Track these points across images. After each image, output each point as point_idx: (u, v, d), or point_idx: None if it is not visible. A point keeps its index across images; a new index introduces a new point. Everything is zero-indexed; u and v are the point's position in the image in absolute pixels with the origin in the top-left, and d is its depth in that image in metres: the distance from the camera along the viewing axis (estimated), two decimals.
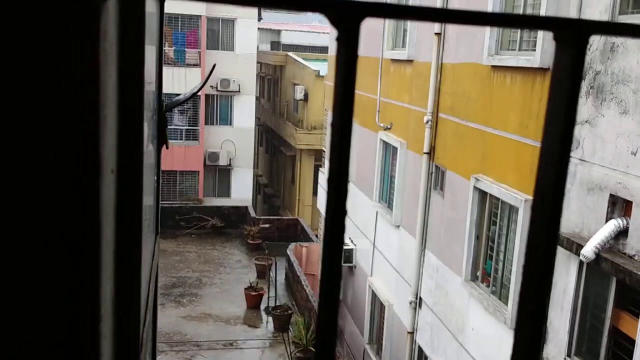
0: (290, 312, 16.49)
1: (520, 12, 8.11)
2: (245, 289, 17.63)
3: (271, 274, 18.39)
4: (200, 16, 25.26)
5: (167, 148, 1.66)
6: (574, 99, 0.54)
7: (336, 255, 0.50)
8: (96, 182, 0.49)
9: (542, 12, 7.33)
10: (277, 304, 16.91)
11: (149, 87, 1.53)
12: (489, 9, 8.51)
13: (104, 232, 0.59)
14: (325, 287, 0.49)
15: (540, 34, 7.42)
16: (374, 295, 13.39)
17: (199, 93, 25.20)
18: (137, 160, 0.75)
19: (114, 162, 0.66)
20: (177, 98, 2.15)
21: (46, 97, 0.47)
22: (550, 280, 0.56)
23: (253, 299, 17.37)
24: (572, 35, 0.53)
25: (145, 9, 0.74)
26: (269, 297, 17.27)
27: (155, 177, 1.64)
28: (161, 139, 1.61)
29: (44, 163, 0.48)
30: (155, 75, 1.72)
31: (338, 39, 0.52)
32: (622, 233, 6.06)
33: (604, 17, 6.36)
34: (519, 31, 8.18)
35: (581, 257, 6.30)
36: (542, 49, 7.34)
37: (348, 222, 15.24)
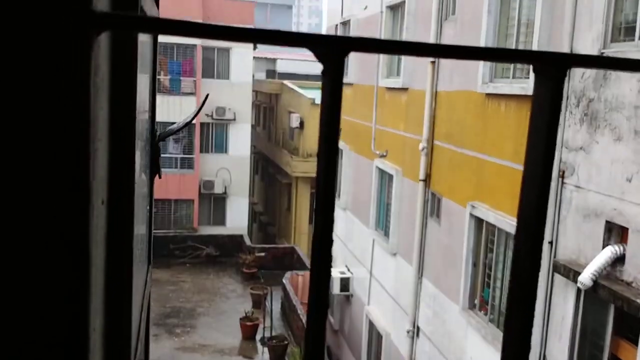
0: (286, 342, 16.31)
1: (513, 40, 8.22)
2: (241, 319, 17.46)
3: (267, 303, 18.23)
4: (195, 45, 25.49)
5: (159, 177, 1.67)
6: (554, 129, 0.56)
7: (324, 284, 0.51)
8: (85, 214, 0.50)
9: (535, 40, 7.44)
10: (273, 334, 16.73)
11: (142, 116, 1.54)
12: (482, 37, 8.63)
13: (94, 261, 0.59)
14: (313, 313, 0.50)
15: None
16: (371, 325, 13.28)
17: (194, 121, 25.30)
18: (128, 190, 0.76)
19: (105, 193, 0.66)
20: (170, 128, 2.18)
21: (35, 131, 0.48)
22: (534, 304, 0.56)
23: (248, 330, 17.19)
24: (551, 68, 0.55)
25: (137, 42, 0.76)
26: (264, 327, 17.09)
27: (148, 207, 1.64)
28: (154, 169, 1.62)
29: (34, 197, 0.49)
30: (149, 105, 1.74)
31: (323, 73, 0.53)
32: (619, 260, 6.06)
33: (596, 45, 6.45)
34: None
35: (579, 284, 6.28)
36: None
37: (345, 250, 15.22)
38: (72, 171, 0.50)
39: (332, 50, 0.53)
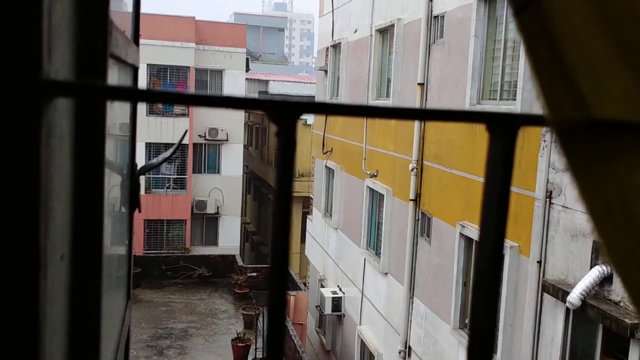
0: None
1: (500, 62, 8.31)
2: (232, 340, 17.33)
3: (259, 324, 18.11)
4: (189, 67, 25.60)
5: (139, 212, 1.68)
6: (506, 187, 0.57)
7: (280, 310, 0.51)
8: (34, 274, 0.50)
9: (521, 63, 7.52)
10: (265, 355, 16.58)
11: (121, 151, 1.55)
12: (469, 60, 8.72)
13: (50, 319, 0.59)
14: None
15: (520, 83, 7.59)
16: (363, 345, 13.20)
17: (187, 141, 25.33)
18: (95, 241, 0.76)
19: (65, 248, 0.67)
20: (150, 162, 2.19)
21: None
22: (497, 304, 0.56)
23: (240, 351, 17.05)
24: (503, 128, 0.56)
25: (105, 105, 0.77)
26: (256, 348, 16.97)
27: (127, 241, 1.64)
28: (133, 203, 1.62)
29: None
30: (129, 136, 1.74)
31: (277, 134, 0.54)
32: (607, 279, 6.08)
33: None
34: (499, 80, 8.37)
35: (567, 304, 6.29)
36: (522, 99, 7.50)
37: (336, 269, 15.14)
38: (22, 232, 0.50)
39: (285, 113, 0.54)
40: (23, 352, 0.50)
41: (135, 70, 1.57)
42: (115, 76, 1.18)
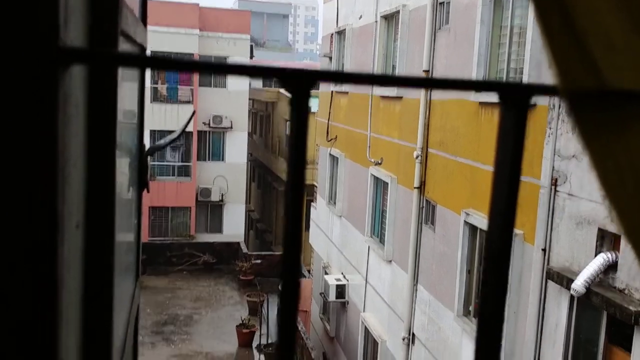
0: None
1: (506, 49, 8.27)
2: (237, 326, 17.44)
3: (263, 310, 18.21)
4: (192, 54, 25.54)
5: (147, 192, 1.69)
6: (518, 157, 0.57)
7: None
8: (53, 240, 0.51)
9: (527, 49, 7.48)
10: (269, 341, 16.71)
11: (129, 132, 1.55)
12: (475, 46, 8.68)
13: (67, 284, 0.60)
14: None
15: (526, 69, 7.55)
16: (366, 332, 13.27)
17: (192, 129, 25.34)
18: (108, 211, 0.77)
19: (80, 217, 0.67)
20: (157, 143, 2.21)
21: (3, 159, 0.49)
22: (502, 320, 0.57)
23: (245, 337, 17.16)
24: (515, 97, 0.56)
25: (117, 71, 0.78)
26: (260, 335, 17.07)
27: (136, 221, 1.65)
28: (142, 183, 1.63)
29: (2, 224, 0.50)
30: (137, 119, 1.75)
31: (291, 103, 0.55)
32: (612, 267, 6.08)
33: None
34: (505, 67, 8.33)
35: (572, 292, 6.30)
36: None
37: (340, 256, 15.16)
38: (40, 197, 0.51)
39: (300, 81, 0.54)
40: (44, 313, 0.51)
41: (143, 50, 1.57)
42: None
